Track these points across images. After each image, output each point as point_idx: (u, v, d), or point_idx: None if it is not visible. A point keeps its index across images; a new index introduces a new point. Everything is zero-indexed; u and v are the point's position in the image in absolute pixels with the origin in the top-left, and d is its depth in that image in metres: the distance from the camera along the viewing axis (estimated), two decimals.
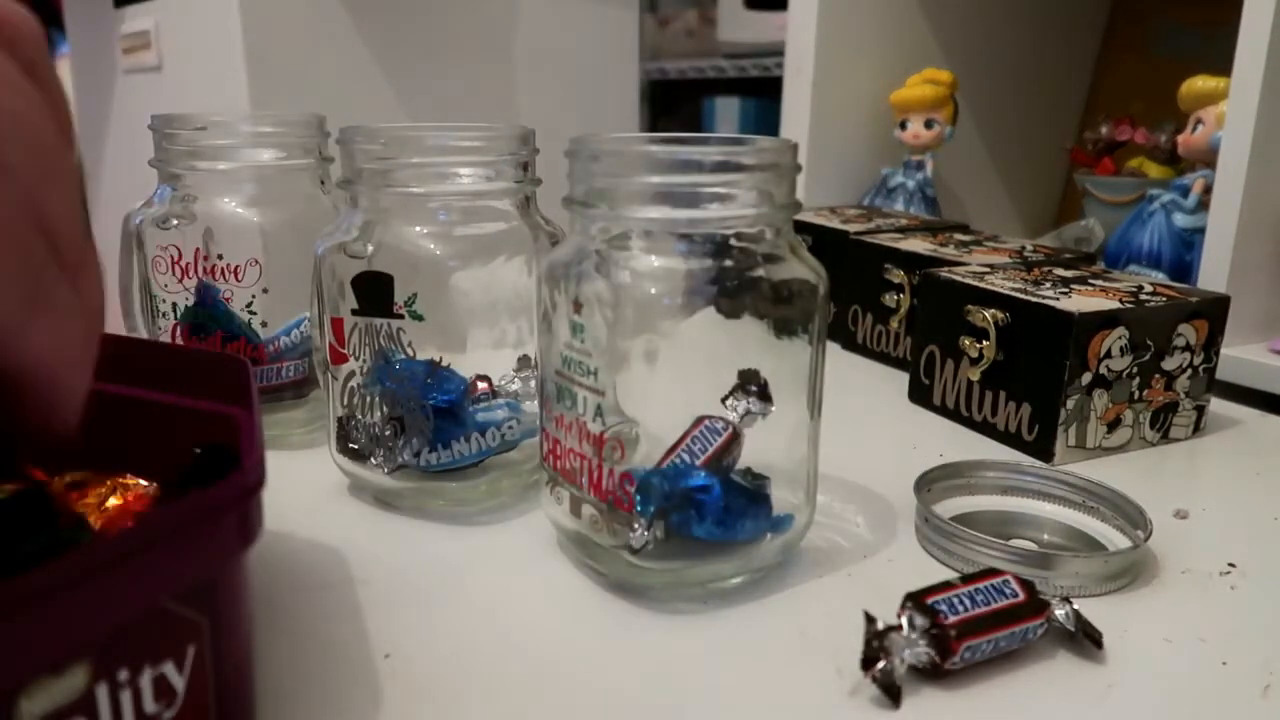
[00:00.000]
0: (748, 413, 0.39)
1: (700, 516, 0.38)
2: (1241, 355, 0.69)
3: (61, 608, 0.23)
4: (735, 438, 0.39)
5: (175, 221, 0.54)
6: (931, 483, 0.48)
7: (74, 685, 0.24)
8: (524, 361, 0.50)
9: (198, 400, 0.36)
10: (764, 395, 0.39)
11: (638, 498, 0.38)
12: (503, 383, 0.49)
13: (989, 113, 1.07)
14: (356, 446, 0.47)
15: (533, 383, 0.48)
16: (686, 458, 0.39)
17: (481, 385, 0.48)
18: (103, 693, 0.25)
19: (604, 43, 1.31)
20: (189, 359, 0.38)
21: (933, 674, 0.34)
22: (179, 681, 0.27)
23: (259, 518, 0.29)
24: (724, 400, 0.39)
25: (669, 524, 0.38)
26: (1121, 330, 0.54)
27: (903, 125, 0.97)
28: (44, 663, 0.23)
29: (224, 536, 0.27)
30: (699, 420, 0.39)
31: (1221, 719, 0.33)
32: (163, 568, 0.26)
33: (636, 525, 0.38)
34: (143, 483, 0.36)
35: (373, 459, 0.47)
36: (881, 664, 0.34)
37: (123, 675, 0.25)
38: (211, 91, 1.10)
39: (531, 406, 0.48)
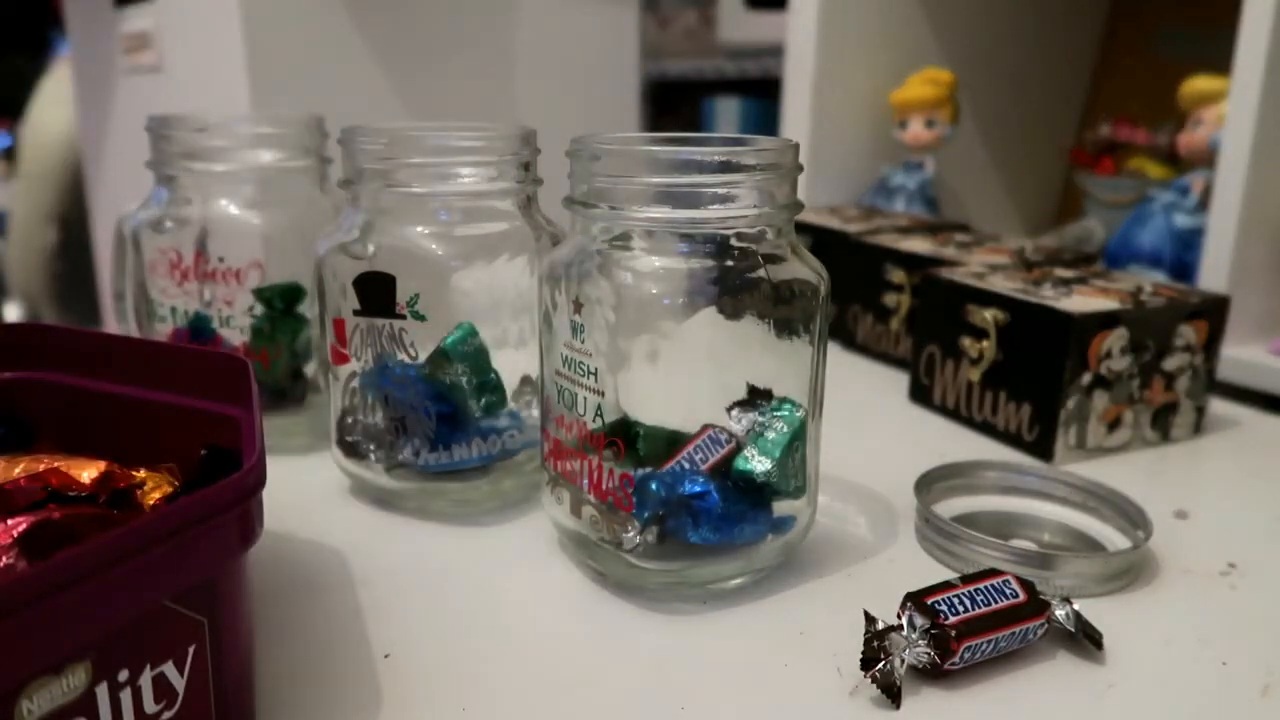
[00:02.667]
0: (753, 425, 0.39)
1: (695, 524, 0.38)
2: (1241, 355, 0.69)
3: (61, 608, 0.23)
4: (738, 450, 0.39)
5: (170, 224, 0.54)
6: (932, 483, 0.48)
7: (74, 685, 0.24)
8: (526, 381, 0.50)
9: (198, 400, 0.36)
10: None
11: (635, 499, 0.38)
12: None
13: (989, 113, 1.07)
14: (357, 446, 0.47)
15: (534, 405, 0.48)
16: (687, 467, 0.39)
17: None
18: (103, 693, 0.25)
19: (604, 43, 1.31)
20: (189, 359, 0.38)
21: (933, 674, 0.34)
22: (179, 681, 0.27)
23: (259, 518, 0.29)
24: (729, 410, 0.39)
25: (665, 529, 0.38)
26: (1122, 330, 0.54)
27: (903, 125, 0.97)
28: (44, 663, 0.23)
29: (224, 536, 0.27)
30: (704, 429, 0.39)
31: (1221, 719, 0.33)
32: (163, 567, 0.26)
33: (631, 527, 0.38)
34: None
35: (372, 457, 0.47)
36: (881, 664, 0.34)
37: (123, 675, 0.25)
38: (212, 92, 1.10)
39: (534, 419, 0.48)
